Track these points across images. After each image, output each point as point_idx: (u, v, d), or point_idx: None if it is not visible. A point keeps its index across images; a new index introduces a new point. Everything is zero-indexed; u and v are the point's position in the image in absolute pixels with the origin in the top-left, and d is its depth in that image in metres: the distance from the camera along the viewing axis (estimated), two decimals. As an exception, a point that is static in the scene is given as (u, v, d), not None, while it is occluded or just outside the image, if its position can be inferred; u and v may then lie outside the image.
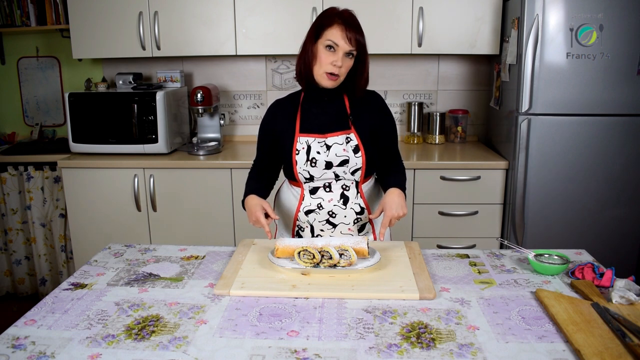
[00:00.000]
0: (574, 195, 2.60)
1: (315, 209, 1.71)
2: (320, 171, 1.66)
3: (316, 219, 1.72)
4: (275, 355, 1.07)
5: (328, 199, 1.69)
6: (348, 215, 1.70)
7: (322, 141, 1.66)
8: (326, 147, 1.65)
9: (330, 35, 1.57)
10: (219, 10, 2.88)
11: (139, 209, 2.83)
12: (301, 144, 1.66)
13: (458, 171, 2.72)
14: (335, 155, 1.64)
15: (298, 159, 1.66)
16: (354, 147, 1.65)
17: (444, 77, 3.26)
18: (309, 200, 1.71)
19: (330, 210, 1.70)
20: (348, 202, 1.69)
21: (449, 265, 1.53)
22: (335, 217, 1.70)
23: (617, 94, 2.50)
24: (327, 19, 1.59)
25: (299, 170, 1.67)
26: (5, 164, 3.08)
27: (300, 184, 1.71)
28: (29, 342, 1.13)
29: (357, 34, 1.58)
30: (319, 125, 1.68)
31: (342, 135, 1.66)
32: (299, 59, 1.66)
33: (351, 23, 1.58)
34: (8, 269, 3.27)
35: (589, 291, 1.30)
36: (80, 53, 2.97)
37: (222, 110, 3.33)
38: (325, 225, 1.72)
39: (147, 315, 1.24)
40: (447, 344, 1.11)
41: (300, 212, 1.73)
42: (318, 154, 1.65)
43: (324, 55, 1.58)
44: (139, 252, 1.66)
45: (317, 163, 1.65)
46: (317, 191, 1.70)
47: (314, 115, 1.69)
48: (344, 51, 1.57)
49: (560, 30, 2.45)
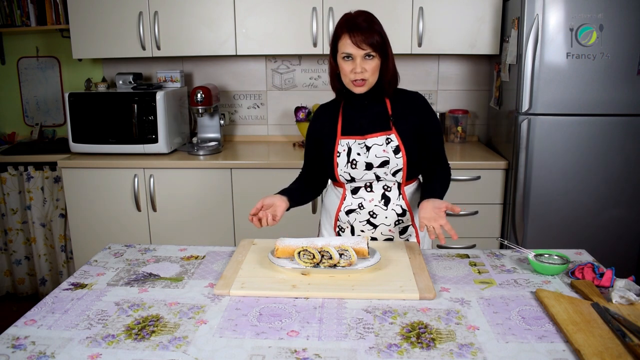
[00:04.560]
0: (574, 195, 2.60)
1: (356, 209, 1.71)
2: (360, 172, 1.66)
3: (357, 219, 1.72)
4: (275, 355, 1.07)
5: (369, 199, 1.69)
6: (389, 217, 1.70)
7: (362, 142, 1.66)
8: (366, 149, 1.65)
9: (342, 47, 1.59)
10: (219, 10, 2.88)
11: (139, 209, 2.83)
12: (342, 146, 1.67)
13: (458, 171, 2.72)
14: (375, 157, 1.64)
15: (339, 161, 1.67)
16: (394, 147, 1.64)
17: (444, 77, 3.26)
18: (350, 199, 1.72)
19: (371, 211, 1.70)
20: (389, 203, 1.69)
21: (449, 265, 1.53)
22: (376, 218, 1.70)
23: (617, 94, 2.50)
24: (338, 30, 1.60)
25: (340, 172, 1.68)
26: (5, 164, 3.08)
27: (342, 184, 1.72)
28: (29, 342, 1.13)
29: (364, 36, 1.55)
30: (359, 127, 1.68)
31: (382, 136, 1.65)
32: (330, 74, 1.70)
33: (357, 27, 1.56)
34: (8, 269, 3.27)
35: (589, 291, 1.30)
36: (80, 53, 2.97)
37: (222, 110, 3.33)
38: (365, 226, 1.72)
39: (147, 315, 1.24)
40: (447, 344, 1.11)
41: (341, 211, 1.74)
42: (358, 156, 1.65)
43: (344, 65, 1.60)
44: (139, 252, 1.66)
45: (358, 165, 1.65)
46: (358, 191, 1.71)
47: (355, 118, 1.70)
48: (360, 56, 1.57)
49: (560, 30, 2.45)
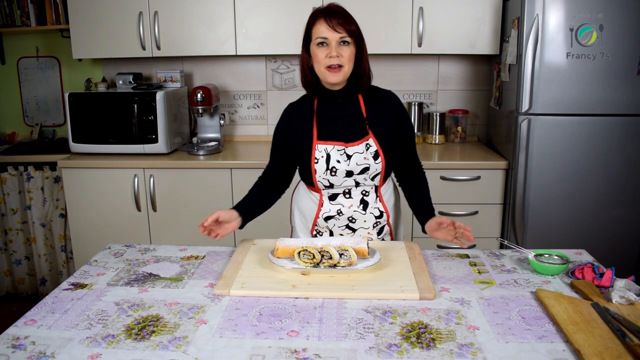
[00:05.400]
0: (574, 195, 2.60)
1: (334, 215, 1.69)
2: (340, 179, 1.63)
3: (336, 225, 1.70)
4: (275, 355, 1.07)
5: (348, 205, 1.67)
6: (368, 220, 1.69)
7: (342, 149, 1.62)
8: (347, 157, 1.61)
9: (317, 32, 1.57)
10: (219, 10, 2.88)
11: (139, 209, 2.82)
12: (320, 152, 1.63)
13: (458, 171, 2.72)
14: (357, 164, 1.61)
15: (317, 168, 1.62)
16: (373, 153, 1.62)
17: (444, 77, 3.26)
18: (328, 206, 1.69)
19: (350, 216, 1.68)
20: (368, 207, 1.68)
21: (449, 265, 1.54)
22: (355, 222, 1.69)
23: (617, 94, 2.50)
24: (311, 19, 1.60)
25: (319, 179, 1.64)
26: (5, 164, 3.08)
27: (319, 190, 1.69)
28: (29, 342, 1.13)
29: (341, 20, 1.55)
30: (336, 131, 1.64)
31: (362, 144, 1.62)
32: (301, 69, 1.66)
33: (333, 12, 1.56)
34: (8, 269, 3.27)
35: (589, 291, 1.30)
36: (80, 53, 2.97)
37: (222, 110, 3.33)
38: (344, 230, 1.71)
39: (147, 315, 1.24)
40: (447, 344, 1.11)
41: (320, 218, 1.71)
42: (338, 163, 1.61)
43: (319, 52, 1.57)
44: (139, 252, 1.66)
45: (338, 172, 1.62)
46: (336, 197, 1.68)
47: (330, 120, 1.65)
48: (335, 41, 1.55)
49: (560, 30, 2.45)
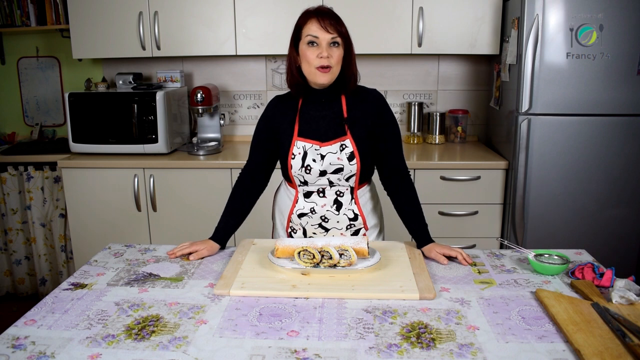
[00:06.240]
0: (574, 195, 2.60)
1: (308, 213, 1.70)
2: (314, 178, 1.65)
3: (309, 222, 1.71)
4: (275, 355, 1.07)
5: (321, 204, 1.69)
6: (341, 221, 1.70)
7: (318, 149, 1.63)
8: (320, 157, 1.62)
9: (308, 31, 1.56)
10: (219, 10, 2.88)
11: (139, 209, 2.82)
12: (298, 149, 1.64)
13: (458, 171, 2.72)
14: (330, 164, 1.62)
15: (293, 164, 1.64)
16: (349, 154, 1.61)
17: (444, 77, 3.26)
18: (303, 203, 1.70)
19: (323, 215, 1.69)
20: (341, 208, 1.69)
21: (449, 265, 1.54)
22: (328, 222, 1.70)
23: (617, 94, 2.50)
24: (301, 19, 1.60)
25: (294, 174, 1.66)
26: (5, 164, 3.08)
27: (295, 186, 1.70)
28: (29, 342, 1.13)
29: (332, 21, 1.56)
30: (316, 130, 1.65)
31: (336, 144, 1.62)
32: (288, 68, 1.66)
33: (325, 13, 1.57)
34: (8, 269, 3.27)
35: (589, 291, 1.30)
36: (80, 53, 2.97)
37: (222, 110, 3.33)
38: (317, 229, 1.72)
39: (147, 315, 1.24)
40: (447, 344, 1.11)
41: (294, 214, 1.73)
42: (313, 162, 1.63)
43: (308, 52, 1.57)
44: (139, 252, 1.66)
45: (312, 171, 1.63)
46: (311, 195, 1.69)
47: (312, 118, 1.66)
48: (326, 41, 1.55)
49: (560, 30, 2.45)
